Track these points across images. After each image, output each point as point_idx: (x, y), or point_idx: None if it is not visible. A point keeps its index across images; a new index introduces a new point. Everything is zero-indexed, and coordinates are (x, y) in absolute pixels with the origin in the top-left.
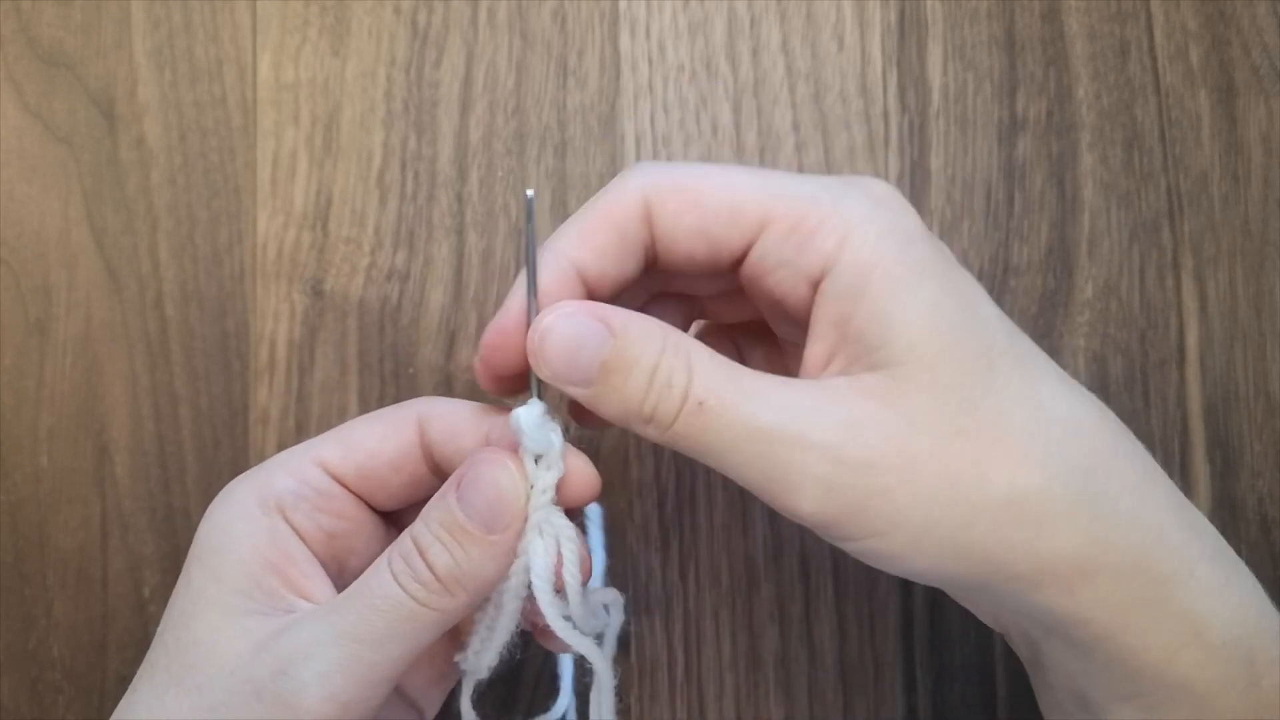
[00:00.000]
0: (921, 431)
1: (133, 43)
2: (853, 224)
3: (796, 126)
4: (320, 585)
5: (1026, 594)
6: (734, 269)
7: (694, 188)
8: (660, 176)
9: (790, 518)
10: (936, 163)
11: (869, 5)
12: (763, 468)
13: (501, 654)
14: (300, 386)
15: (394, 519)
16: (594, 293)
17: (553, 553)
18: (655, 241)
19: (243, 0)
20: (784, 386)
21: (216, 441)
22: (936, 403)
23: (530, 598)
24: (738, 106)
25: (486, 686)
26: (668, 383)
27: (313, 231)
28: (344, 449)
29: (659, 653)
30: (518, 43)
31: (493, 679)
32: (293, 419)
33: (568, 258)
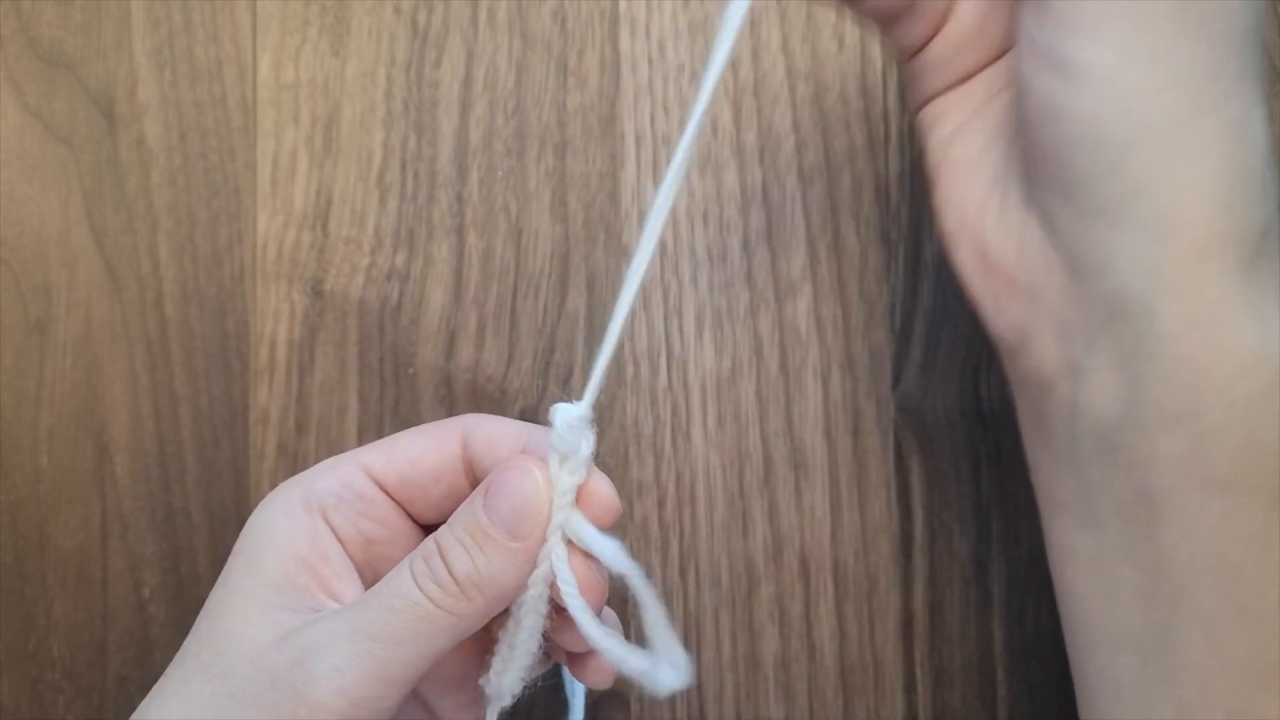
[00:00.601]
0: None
1: (133, 43)
2: None
3: (796, 126)
4: (351, 587)
5: (1148, 230)
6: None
7: None
8: None
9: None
10: None
11: None
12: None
13: (525, 679)
14: (300, 386)
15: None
16: None
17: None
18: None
19: (243, 0)
20: None
21: (216, 441)
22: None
23: (550, 615)
24: (738, 106)
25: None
26: None
27: (313, 231)
28: (388, 456)
29: None
30: (518, 43)
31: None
32: (293, 419)
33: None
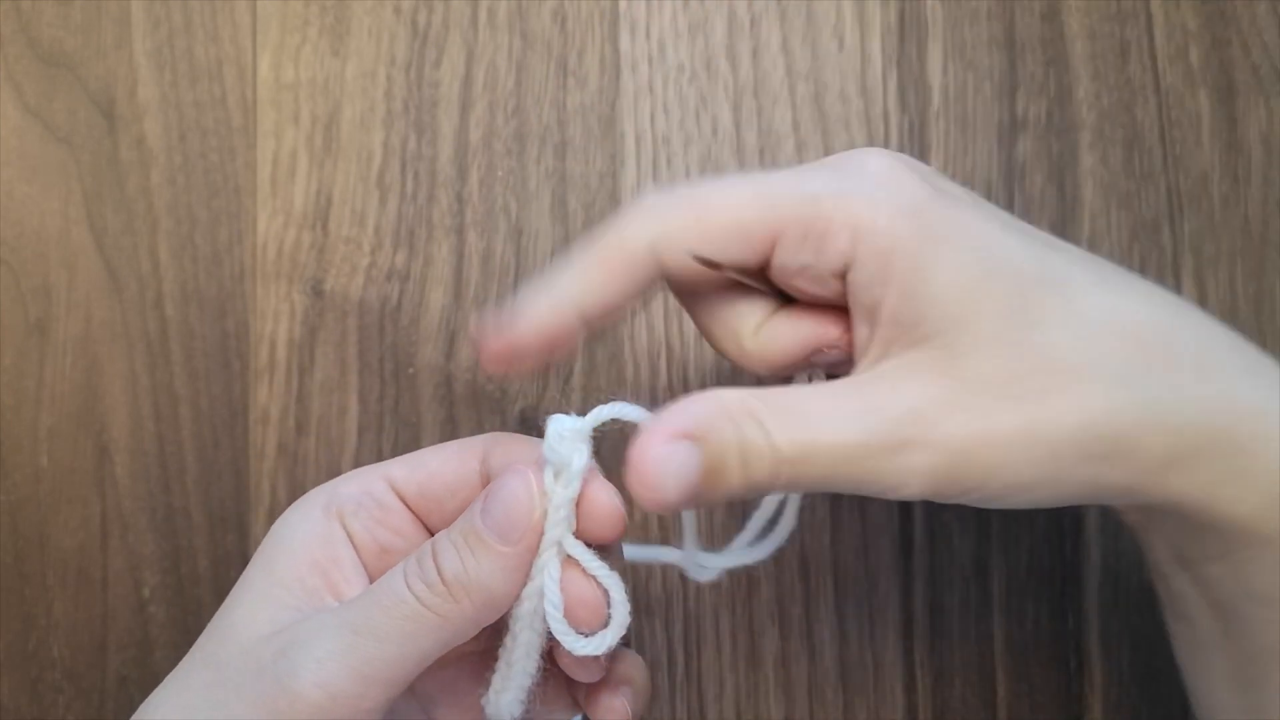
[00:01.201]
0: (983, 392)
1: (133, 43)
2: (860, 215)
3: (796, 126)
4: (359, 591)
5: (1119, 497)
6: (758, 273)
7: (697, 219)
8: (664, 213)
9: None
10: (936, 163)
11: (869, 5)
12: (863, 480)
13: (524, 701)
14: (300, 386)
15: None
16: (597, 324)
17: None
18: (668, 271)
19: (243, 0)
20: (847, 397)
21: (216, 441)
22: (986, 359)
23: (548, 635)
24: (738, 106)
25: None
26: (750, 457)
27: (313, 231)
28: (410, 468)
29: (659, 653)
30: (518, 43)
31: None
32: (293, 419)
33: (570, 300)
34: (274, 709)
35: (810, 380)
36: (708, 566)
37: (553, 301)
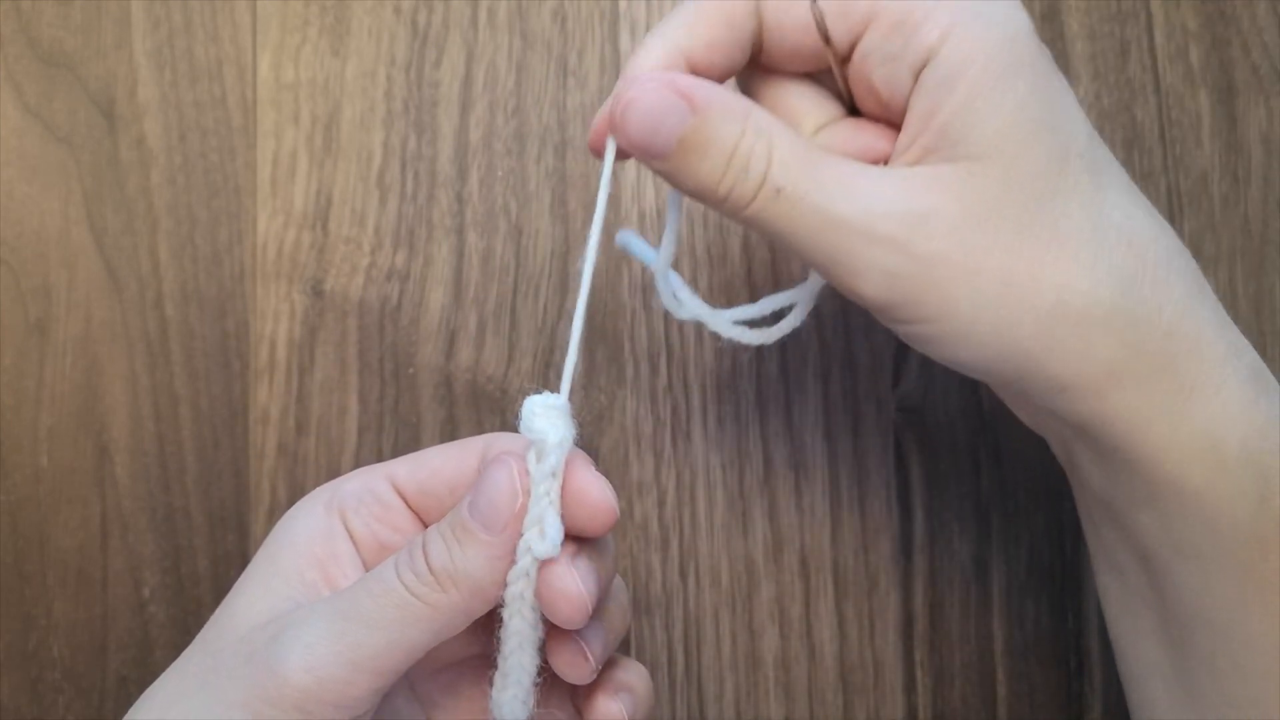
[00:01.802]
0: (983, 228)
1: (133, 43)
2: (957, 18)
3: None
4: None
5: (1060, 394)
6: (843, 64)
7: None
8: None
9: (848, 297)
10: None
11: None
12: (831, 254)
13: (526, 702)
14: (300, 386)
15: None
16: (702, 75)
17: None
18: (763, 33)
19: (243, 0)
20: (860, 175)
21: (216, 441)
22: (1004, 200)
23: (542, 626)
24: None
25: None
26: (745, 166)
27: (313, 231)
28: (412, 466)
29: (659, 653)
30: (518, 43)
31: None
32: (293, 419)
33: (677, 46)
34: (263, 692)
35: None
36: (683, 301)
37: (664, 45)
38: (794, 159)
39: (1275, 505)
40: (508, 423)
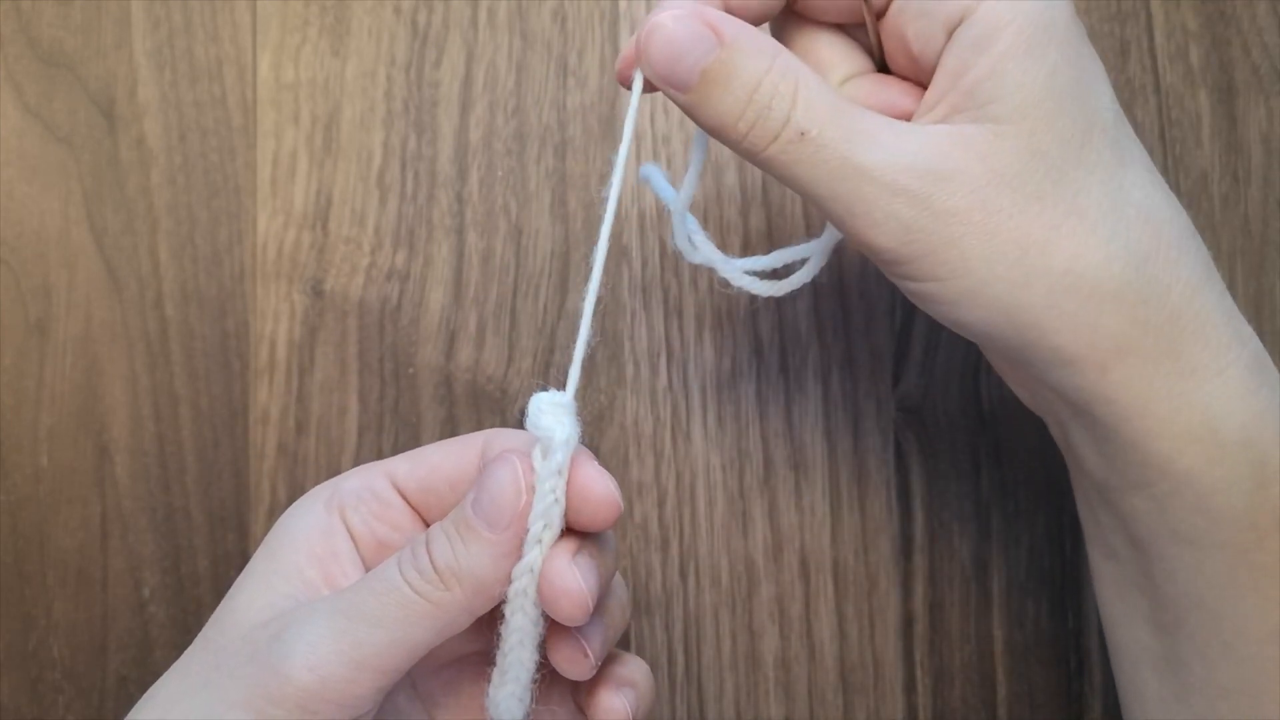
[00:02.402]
0: (1004, 190)
1: (133, 43)
2: None
3: None
4: None
5: (1063, 367)
6: (877, 17)
7: None
8: None
9: (859, 248)
10: None
11: None
12: (849, 203)
13: (524, 699)
14: (300, 386)
15: None
16: (737, 14)
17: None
18: None
19: (243, 0)
20: (885, 128)
21: (216, 441)
22: (1027, 166)
23: (543, 623)
24: None
25: None
26: (768, 105)
27: (313, 231)
28: (411, 464)
29: (659, 653)
30: (518, 43)
31: None
32: (293, 419)
33: None
34: (266, 691)
35: None
36: (697, 245)
37: None
38: (821, 103)
39: (1272, 492)
40: (508, 422)
